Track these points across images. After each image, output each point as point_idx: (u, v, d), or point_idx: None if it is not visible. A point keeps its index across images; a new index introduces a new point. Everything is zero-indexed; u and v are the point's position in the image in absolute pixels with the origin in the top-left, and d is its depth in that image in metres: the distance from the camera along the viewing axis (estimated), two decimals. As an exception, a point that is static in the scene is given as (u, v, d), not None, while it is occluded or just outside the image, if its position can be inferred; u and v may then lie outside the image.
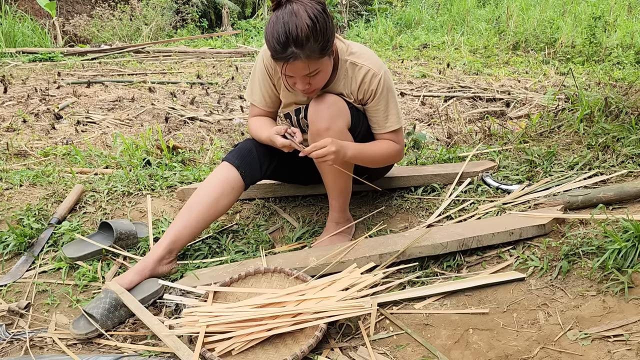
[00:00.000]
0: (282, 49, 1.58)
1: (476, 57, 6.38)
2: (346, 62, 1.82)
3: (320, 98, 1.78)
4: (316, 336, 1.44)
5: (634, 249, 1.58)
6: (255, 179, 1.97)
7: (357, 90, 1.85)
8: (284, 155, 1.96)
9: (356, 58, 1.82)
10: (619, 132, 2.41)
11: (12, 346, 1.56)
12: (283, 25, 1.56)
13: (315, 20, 1.57)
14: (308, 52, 1.59)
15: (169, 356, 1.48)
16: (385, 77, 1.84)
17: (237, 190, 1.90)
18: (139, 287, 1.73)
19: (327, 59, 1.69)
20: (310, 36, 1.57)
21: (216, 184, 1.87)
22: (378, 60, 1.86)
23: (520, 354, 1.39)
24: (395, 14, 9.78)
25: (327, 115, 1.75)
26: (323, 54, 1.64)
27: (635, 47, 5.99)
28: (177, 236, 1.82)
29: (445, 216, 2.10)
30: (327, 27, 1.61)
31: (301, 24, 1.55)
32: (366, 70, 1.81)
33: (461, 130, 3.32)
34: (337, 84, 1.85)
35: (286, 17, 1.56)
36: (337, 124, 1.76)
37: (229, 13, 10.21)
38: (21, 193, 2.33)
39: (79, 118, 3.86)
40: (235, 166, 1.89)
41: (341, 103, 1.79)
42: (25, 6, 8.47)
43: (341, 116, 1.78)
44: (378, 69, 1.82)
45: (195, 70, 5.83)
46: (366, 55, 1.84)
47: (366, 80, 1.82)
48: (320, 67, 1.67)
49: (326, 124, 1.74)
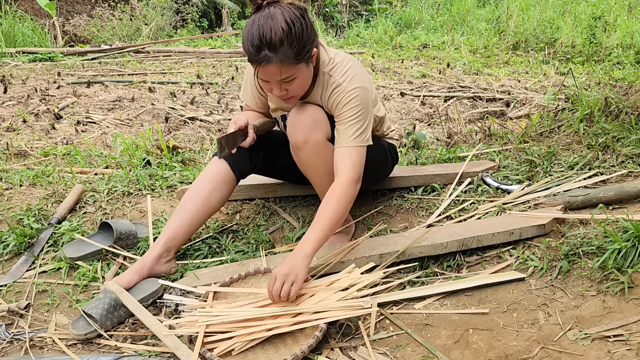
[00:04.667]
0: (255, 52, 1.56)
1: (476, 57, 6.38)
2: (324, 74, 1.77)
3: (299, 109, 1.76)
4: (316, 336, 1.44)
5: (634, 249, 1.58)
6: (245, 170, 1.96)
7: (327, 103, 1.79)
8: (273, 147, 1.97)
9: (333, 71, 1.76)
10: (619, 132, 2.41)
11: (12, 346, 1.56)
12: (258, 28, 1.55)
13: (291, 25, 1.55)
14: (282, 57, 1.56)
15: (169, 356, 1.48)
16: (358, 92, 1.72)
17: (229, 183, 1.90)
18: (138, 286, 1.73)
19: (304, 66, 1.64)
20: (285, 40, 1.54)
21: (207, 179, 1.88)
22: (356, 75, 1.75)
23: (520, 354, 1.39)
24: (395, 14, 9.78)
25: (303, 128, 1.72)
26: (298, 60, 1.60)
27: (635, 47, 5.99)
28: (173, 234, 1.82)
29: (445, 216, 2.10)
30: (304, 33, 1.58)
31: (276, 28, 1.53)
32: (337, 85, 1.74)
33: (461, 130, 3.32)
34: (315, 95, 1.81)
35: (262, 20, 1.55)
36: (315, 135, 1.73)
37: (229, 13, 10.20)
38: (21, 193, 2.33)
39: (79, 118, 3.86)
40: (224, 158, 1.89)
41: (319, 114, 1.76)
42: (25, 6, 8.47)
43: (319, 127, 1.74)
44: (348, 85, 1.72)
45: (195, 70, 5.83)
46: (345, 67, 1.76)
47: (333, 94, 1.75)
48: (296, 73, 1.63)
49: (303, 137, 1.72)
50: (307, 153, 1.76)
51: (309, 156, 1.77)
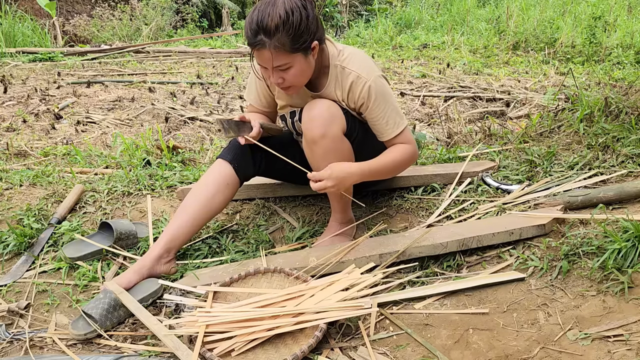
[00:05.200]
0: (252, 36, 1.59)
1: (476, 57, 6.38)
2: (336, 67, 1.79)
3: (313, 103, 1.76)
4: (316, 336, 1.44)
5: (634, 249, 1.58)
6: (249, 174, 1.96)
7: (346, 96, 1.82)
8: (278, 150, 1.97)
9: (346, 63, 1.79)
10: (619, 132, 2.41)
11: (12, 346, 1.56)
12: (258, 13, 1.58)
13: (289, 13, 1.57)
14: (276, 43, 1.57)
15: (169, 356, 1.48)
16: (376, 82, 1.78)
17: (232, 186, 1.90)
18: (138, 286, 1.73)
19: (301, 57, 1.65)
20: (281, 27, 1.56)
21: (211, 181, 1.87)
22: (369, 65, 1.81)
23: (520, 354, 1.39)
24: (395, 14, 9.77)
25: (321, 122, 1.72)
26: (294, 49, 1.61)
27: (635, 47, 5.98)
28: (174, 235, 1.82)
29: (445, 216, 2.10)
30: (302, 23, 1.59)
31: (274, 14, 1.56)
32: (355, 76, 1.77)
33: (461, 130, 3.31)
34: (329, 89, 1.82)
35: (263, 6, 1.59)
36: (332, 129, 1.73)
37: (229, 13, 10.20)
38: (21, 193, 2.33)
39: (79, 118, 3.86)
40: (228, 161, 1.89)
41: (335, 108, 1.76)
42: (25, 6, 8.47)
43: (335, 121, 1.75)
44: (367, 75, 1.77)
45: (195, 70, 5.83)
46: (356, 59, 1.80)
47: (354, 86, 1.78)
48: (292, 63, 1.64)
49: (320, 131, 1.72)
50: (324, 147, 1.75)
51: (325, 151, 1.76)
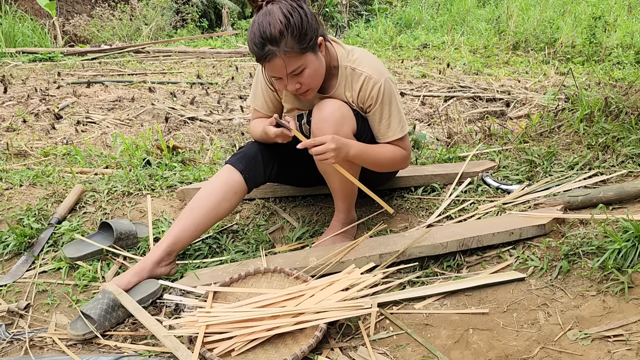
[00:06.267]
0: (259, 49, 1.59)
1: (476, 57, 6.38)
2: (346, 68, 1.80)
3: (324, 104, 1.75)
4: (316, 336, 1.44)
5: (634, 249, 1.57)
6: (259, 183, 1.96)
7: (357, 97, 1.82)
8: (289, 158, 1.96)
9: (357, 64, 1.79)
10: (619, 132, 2.41)
11: (12, 346, 1.56)
12: (258, 26, 1.58)
13: (288, 16, 1.56)
14: (285, 49, 1.57)
15: (169, 356, 1.48)
16: (387, 84, 1.79)
17: (239, 194, 1.89)
18: (137, 287, 1.72)
19: (312, 55, 1.65)
20: (285, 31, 1.56)
21: (219, 187, 1.85)
22: (379, 66, 1.82)
23: (520, 354, 1.39)
24: (395, 14, 9.77)
25: (331, 122, 1.71)
26: (303, 50, 1.61)
27: (635, 47, 5.98)
28: (176, 238, 1.81)
29: (445, 216, 2.10)
30: (303, 22, 1.59)
31: (274, 21, 1.56)
32: (365, 76, 1.78)
33: (461, 130, 3.31)
34: (339, 90, 1.82)
35: (261, 18, 1.59)
36: (343, 130, 1.73)
37: (229, 13, 10.20)
38: (21, 193, 2.33)
39: (79, 118, 3.86)
40: (239, 170, 1.87)
41: (345, 109, 1.76)
42: (25, 6, 8.47)
43: (346, 122, 1.74)
44: (378, 76, 1.78)
45: (195, 70, 5.83)
46: (367, 61, 1.81)
47: (365, 87, 1.79)
48: (304, 63, 1.64)
49: (331, 131, 1.71)
50: None
51: None
